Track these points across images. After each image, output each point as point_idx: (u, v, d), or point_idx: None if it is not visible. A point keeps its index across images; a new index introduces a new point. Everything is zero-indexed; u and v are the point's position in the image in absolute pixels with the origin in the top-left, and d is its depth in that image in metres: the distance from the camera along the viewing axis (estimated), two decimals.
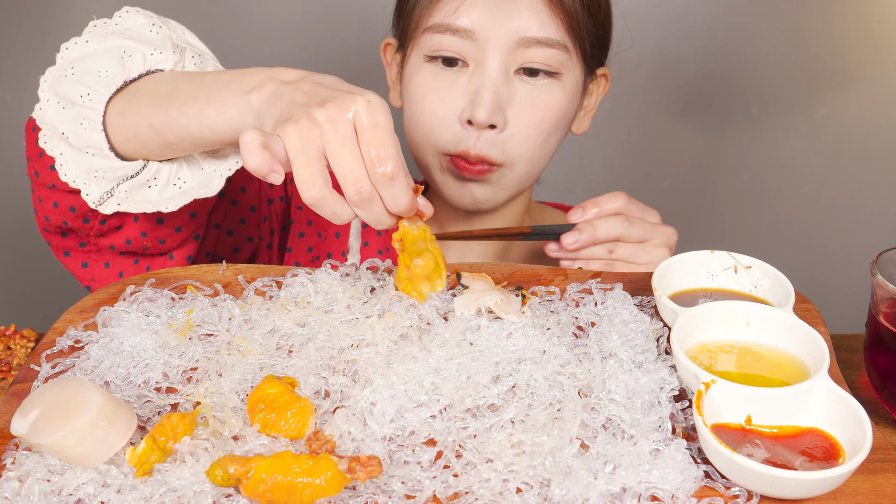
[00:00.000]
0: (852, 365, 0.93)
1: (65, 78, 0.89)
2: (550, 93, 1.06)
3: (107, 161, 0.89)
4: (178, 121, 0.85)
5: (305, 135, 0.73)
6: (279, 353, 0.78)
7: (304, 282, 0.85)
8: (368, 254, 1.22)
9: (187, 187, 0.92)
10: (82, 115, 0.88)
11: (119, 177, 0.90)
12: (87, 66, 0.89)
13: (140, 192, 0.91)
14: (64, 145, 0.90)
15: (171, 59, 0.91)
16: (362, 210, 0.75)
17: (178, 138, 0.86)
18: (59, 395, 0.66)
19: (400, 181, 0.74)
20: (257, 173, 0.72)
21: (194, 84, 0.86)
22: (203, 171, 0.93)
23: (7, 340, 1.04)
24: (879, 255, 0.83)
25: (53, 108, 0.89)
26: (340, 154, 0.73)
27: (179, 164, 0.92)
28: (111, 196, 0.90)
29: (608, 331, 0.77)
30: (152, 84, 0.89)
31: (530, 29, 1.02)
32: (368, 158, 0.74)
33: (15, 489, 0.63)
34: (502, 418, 0.69)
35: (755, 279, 0.84)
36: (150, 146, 0.88)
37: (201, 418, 0.69)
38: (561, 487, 0.62)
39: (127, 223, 0.96)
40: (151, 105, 0.87)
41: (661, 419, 0.68)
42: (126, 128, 0.88)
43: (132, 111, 0.87)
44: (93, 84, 0.88)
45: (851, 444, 0.65)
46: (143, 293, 0.85)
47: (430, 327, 0.79)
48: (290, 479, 0.61)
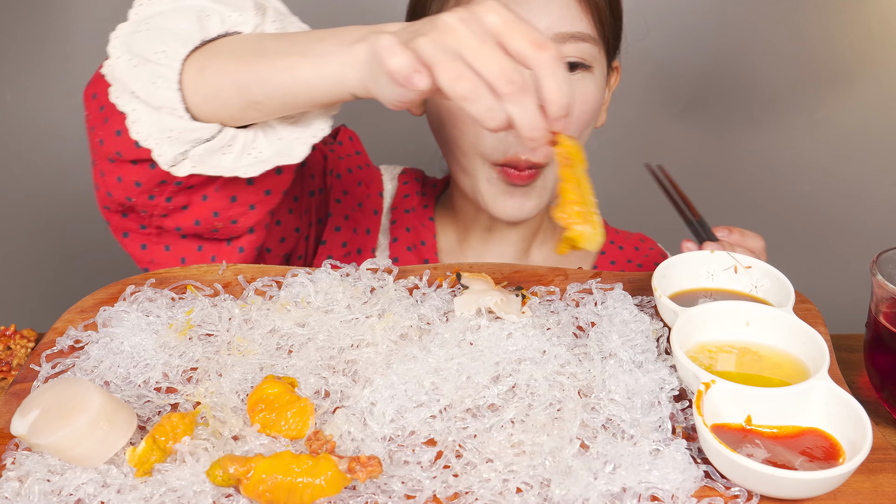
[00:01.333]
0: (852, 365, 0.93)
1: (138, 34, 0.84)
2: (587, 86, 1.06)
3: (181, 121, 0.84)
4: (269, 76, 0.80)
5: (439, 41, 0.68)
6: (279, 353, 0.78)
7: (304, 282, 0.85)
8: (397, 250, 1.22)
9: (263, 157, 0.87)
10: (156, 73, 0.83)
11: (193, 139, 0.85)
12: (162, 23, 0.84)
13: (214, 157, 0.86)
14: (136, 101, 0.84)
15: (251, 22, 0.86)
16: (515, 105, 0.68)
17: (265, 96, 0.81)
18: (59, 395, 0.66)
19: (562, 63, 0.69)
20: (399, 74, 0.67)
21: (284, 41, 0.82)
22: (282, 140, 0.88)
23: (7, 340, 1.04)
24: (879, 255, 0.83)
25: (124, 64, 0.84)
26: (482, 50, 0.68)
27: (255, 132, 0.87)
28: (184, 159, 0.85)
29: (608, 331, 0.77)
30: (235, 43, 0.85)
31: (564, 24, 1.02)
32: (524, 47, 0.68)
33: (15, 489, 0.63)
34: (502, 418, 0.69)
35: (755, 279, 0.84)
36: (232, 106, 0.83)
37: (201, 418, 0.69)
38: (561, 487, 0.62)
39: (194, 202, 0.91)
40: (236, 61, 0.82)
41: (661, 419, 0.68)
42: (206, 86, 0.83)
43: (214, 68, 0.83)
44: (169, 41, 0.83)
45: (851, 444, 0.65)
46: (143, 293, 0.85)
47: (430, 327, 0.79)
48: (290, 479, 0.61)
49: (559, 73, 0.69)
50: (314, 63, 0.78)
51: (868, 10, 1.91)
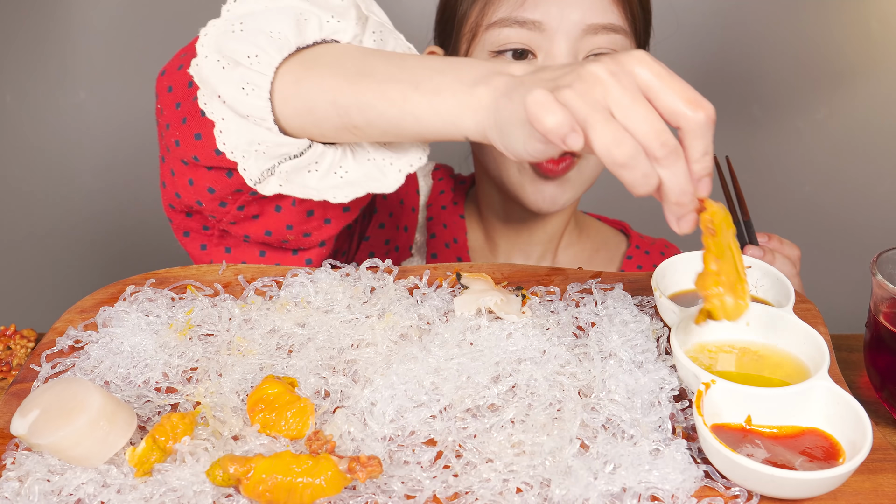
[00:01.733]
0: (852, 365, 0.93)
1: (231, 34, 0.78)
2: None
3: (270, 134, 0.78)
4: (374, 103, 0.74)
5: (588, 94, 0.62)
6: (279, 353, 0.78)
7: (304, 282, 0.85)
8: (434, 247, 1.21)
9: (350, 178, 0.82)
10: (246, 78, 0.77)
11: (281, 154, 0.79)
12: (257, 24, 0.78)
13: (300, 175, 0.81)
14: (226, 109, 0.79)
15: (350, 30, 0.81)
16: (667, 170, 0.63)
17: (366, 122, 0.76)
18: (59, 395, 0.66)
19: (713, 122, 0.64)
20: (557, 133, 0.61)
21: (393, 64, 0.76)
22: (372, 163, 0.83)
23: (7, 340, 1.04)
24: (879, 255, 0.83)
25: (212, 65, 0.78)
26: (634, 108, 0.62)
27: (344, 150, 0.82)
28: (271, 175, 0.80)
29: (608, 331, 0.77)
30: (334, 55, 0.79)
31: (595, 16, 1.03)
32: (678, 105, 0.63)
33: (15, 489, 0.63)
34: (502, 418, 0.69)
35: (755, 279, 0.84)
36: (326, 126, 0.78)
37: (201, 418, 0.69)
38: (561, 487, 0.62)
39: (266, 212, 0.86)
40: (339, 79, 0.76)
41: (661, 419, 0.68)
42: (301, 100, 0.77)
43: (312, 82, 0.77)
44: (263, 45, 0.77)
45: (851, 444, 0.65)
46: (143, 293, 0.85)
47: (430, 327, 0.79)
48: (290, 479, 0.61)
49: (710, 136, 0.64)
50: (429, 99, 0.72)
51: (868, 10, 1.91)
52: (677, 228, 0.67)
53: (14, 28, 1.84)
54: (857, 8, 1.91)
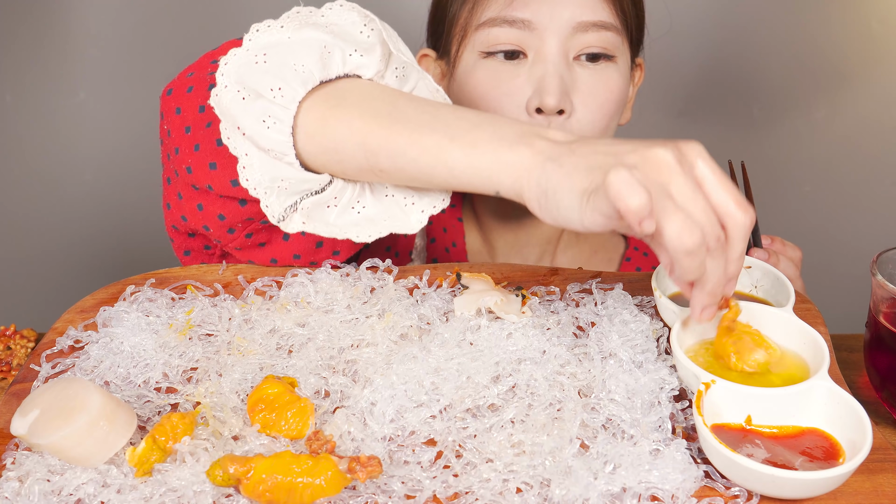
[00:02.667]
0: (852, 365, 0.93)
1: (254, 65, 0.77)
2: (610, 76, 1.06)
3: (291, 170, 0.77)
4: (407, 150, 0.73)
5: (654, 178, 0.64)
6: (279, 353, 0.78)
7: (304, 282, 0.85)
8: (435, 252, 1.21)
9: (368, 213, 0.81)
10: (268, 111, 0.76)
11: (303, 190, 0.78)
12: (281, 56, 0.76)
13: (320, 211, 0.80)
14: (250, 145, 0.77)
15: (374, 66, 0.80)
16: (713, 261, 0.65)
17: (395, 168, 0.75)
18: (59, 395, 0.66)
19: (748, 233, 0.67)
20: (638, 216, 0.61)
21: (426, 113, 0.75)
22: (391, 199, 0.82)
23: (7, 340, 1.04)
24: (879, 255, 0.83)
25: (232, 96, 0.76)
26: (696, 200, 0.64)
27: (363, 186, 0.81)
28: (294, 211, 0.79)
29: (608, 331, 0.77)
30: (362, 94, 0.78)
31: (585, 13, 1.03)
32: (728, 206, 0.65)
33: (15, 489, 0.63)
34: (502, 418, 0.69)
35: (755, 279, 0.84)
36: (350, 165, 0.77)
37: (201, 418, 0.69)
38: (561, 487, 0.62)
39: (274, 241, 0.86)
40: (369, 121, 0.75)
41: (661, 419, 0.68)
42: (326, 139, 0.76)
43: (339, 121, 0.76)
44: (287, 77, 0.76)
45: (851, 444, 0.65)
46: (143, 293, 0.85)
47: (430, 327, 0.79)
48: (290, 479, 0.61)
49: (747, 238, 0.67)
50: (465, 152, 0.72)
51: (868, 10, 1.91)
52: (698, 317, 0.70)
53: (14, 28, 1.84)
54: (857, 8, 1.91)
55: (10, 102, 1.90)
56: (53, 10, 1.84)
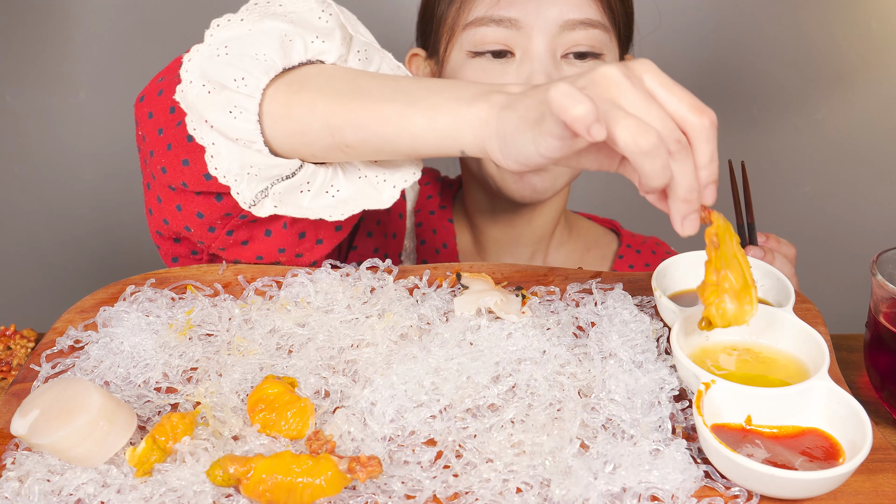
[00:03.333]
0: (852, 365, 0.93)
1: (216, 58, 0.79)
2: None
3: (261, 156, 0.79)
4: (368, 122, 0.75)
5: (604, 95, 0.64)
6: (279, 353, 0.78)
7: (304, 282, 0.85)
8: (424, 253, 1.21)
9: (342, 196, 0.83)
10: (233, 102, 0.77)
11: (273, 176, 0.80)
12: (242, 47, 0.78)
13: (292, 195, 0.82)
14: (215, 134, 0.79)
15: (336, 50, 0.82)
16: (679, 164, 0.65)
17: (360, 141, 0.77)
18: (59, 395, 0.66)
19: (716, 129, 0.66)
20: (583, 122, 0.61)
21: (385, 84, 0.77)
22: (364, 180, 0.84)
23: (7, 340, 1.04)
24: (879, 255, 0.83)
25: (197, 90, 0.78)
26: (649, 108, 0.64)
27: (335, 169, 0.83)
28: (265, 197, 0.80)
29: (608, 331, 0.77)
30: (324, 77, 0.80)
31: (572, 11, 1.03)
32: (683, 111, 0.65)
33: (15, 489, 0.63)
34: (502, 418, 0.69)
35: (755, 279, 0.84)
36: (318, 146, 0.79)
37: (201, 418, 0.69)
38: (561, 487, 0.62)
39: (256, 237, 0.87)
40: (330, 101, 0.77)
41: (661, 419, 0.68)
42: (292, 122, 0.78)
43: (302, 104, 0.78)
44: (249, 67, 0.78)
45: (851, 444, 0.65)
46: (143, 293, 0.85)
47: (430, 327, 0.79)
48: (290, 479, 0.61)
49: (714, 140, 0.66)
50: (426, 116, 0.74)
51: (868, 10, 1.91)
52: (681, 229, 0.68)
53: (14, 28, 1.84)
54: (857, 8, 1.91)
55: (10, 102, 1.90)
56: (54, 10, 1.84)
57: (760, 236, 1.04)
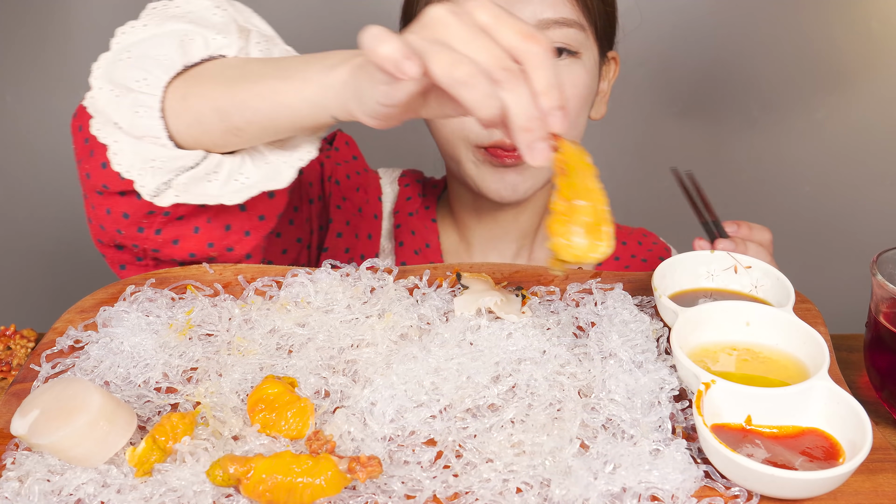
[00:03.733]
0: (852, 365, 0.93)
1: (119, 63, 0.82)
2: (574, 71, 1.06)
3: (164, 150, 0.82)
4: (249, 101, 0.79)
5: (429, 35, 0.65)
6: (279, 353, 0.78)
7: (304, 282, 0.85)
8: (404, 255, 1.21)
9: (250, 182, 0.86)
10: (138, 102, 0.81)
11: (177, 167, 0.83)
12: (144, 51, 0.82)
13: (199, 185, 0.84)
14: (118, 132, 0.83)
15: (235, 44, 0.85)
16: (511, 93, 0.64)
17: (246, 122, 0.80)
18: (59, 395, 0.66)
19: (553, 58, 0.66)
20: (391, 60, 0.62)
21: (267, 65, 0.81)
22: (269, 165, 0.87)
23: (7, 340, 1.04)
24: (879, 255, 0.83)
25: (106, 96, 0.82)
26: (475, 40, 0.65)
27: (243, 157, 0.86)
28: (168, 188, 0.84)
29: (608, 331, 0.77)
30: (218, 68, 0.83)
31: (546, 11, 1.02)
32: (514, 39, 0.65)
33: (15, 489, 0.63)
34: (502, 418, 0.69)
35: (755, 279, 0.84)
36: (214, 133, 0.82)
37: (201, 418, 0.69)
38: (561, 487, 0.62)
39: (185, 234, 0.89)
40: (218, 87, 0.81)
41: (661, 419, 0.68)
42: (188, 113, 0.81)
43: (196, 94, 0.81)
44: (150, 68, 0.82)
45: (851, 444, 0.65)
46: (143, 293, 0.85)
47: (430, 327, 0.79)
48: (290, 479, 0.61)
49: (549, 66, 0.65)
50: (295, 87, 0.77)
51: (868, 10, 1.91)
52: (529, 159, 0.67)
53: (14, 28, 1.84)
54: (857, 8, 1.91)
55: (10, 102, 1.90)
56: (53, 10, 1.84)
57: (730, 225, 1.01)
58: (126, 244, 0.91)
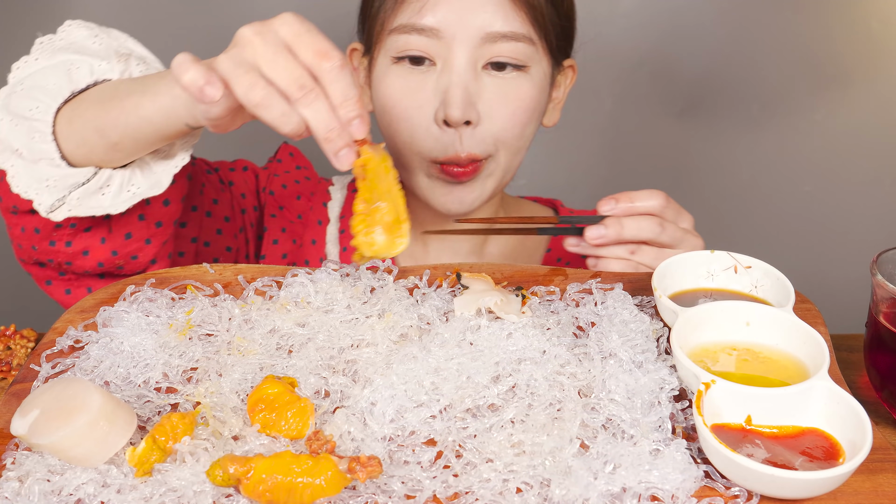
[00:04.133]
0: (852, 365, 0.93)
1: (14, 95, 0.92)
2: (519, 85, 1.05)
3: (57, 170, 0.90)
4: (119, 118, 0.85)
5: (237, 55, 0.72)
6: (279, 353, 0.78)
7: (304, 282, 0.85)
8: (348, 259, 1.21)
9: (141, 192, 0.93)
10: (33, 129, 0.90)
11: (70, 184, 0.91)
12: (35, 82, 0.92)
13: (93, 198, 0.92)
14: (15, 158, 0.91)
15: (116, 69, 0.93)
16: (308, 108, 0.71)
17: (120, 136, 0.87)
18: (59, 395, 0.66)
19: (348, 71, 0.72)
20: (194, 86, 0.72)
21: (134, 83, 0.88)
22: (155, 175, 0.94)
23: (7, 340, 1.04)
24: (879, 255, 0.83)
25: (7, 126, 0.91)
26: (276, 60, 0.71)
27: (133, 170, 0.93)
28: (62, 203, 0.91)
29: (608, 331, 0.77)
30: (97, 91, 0.91)
31: (495, 24, 1.01)
32: (310, 58, 0.72)
33: (15, 489, 0.63)
34: (502, 418, 0.69)
35: (755, 279, 0.84)
36: (98, 150, 0.89)
37: (201, 418, 0.69)
38: (561, 487, 0.62)
39: (93, 246, 0.97)
40: (96, 108, 0.88)
41: (661, 419, 0.68)
42: (75, 135, 0.89)
43: (79, 117, 0.89)
44: (41, 97, 0.90)
45: (851, 444, 0.65)
46: (143, 293, 0.85)
47: (430, 327, 0.79)
48: (290, 479, 0.61)
49: (343, 79, 0.71)
50: (151, 99, 0.83)
51: (868, 10, 1.91)
52: (336, 164, 0.74)
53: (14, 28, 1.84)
54: (857, 8, 1.91)
55: None
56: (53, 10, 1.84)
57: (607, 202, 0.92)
58: (43, 260, 0.99)
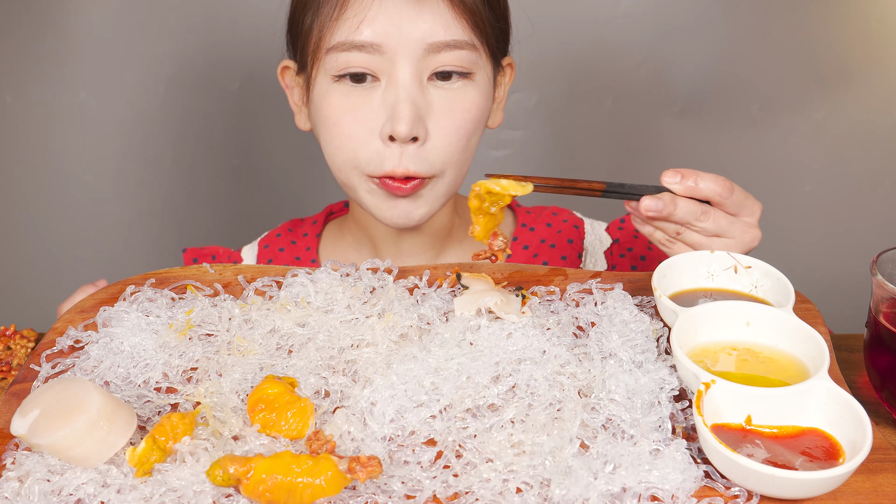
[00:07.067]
0: (852, 365, 0.93)
1: None
2: (466, 93, 1.03)
3: None
4: None
5: None
6: (279, 353, 0.78)
7: (304, 282, 0.85)
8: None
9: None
10: None
11: None
12: None
13: None
14: None
15: None
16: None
17: None
18: (59, 395, 0.66)
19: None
20: None
21: None
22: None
23: (7, 340, 1.04)
24: (879, 255, 0.83)
25: None
26: None
27: None
28: None
29: (608, 331, 0.77)
30: None
31: (437, 34, 0.99)
32: None
33: (15, 489, 0.63)
34: (502, 418, 0.69)
35: (755, 279, 0.84)
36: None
37: (201, 418, 0.69)
38: (561, 487, 0.62)
39: None
40: None
41: (661, 419, 0.68)
42: None
43: None
44: None
45: (851, 444, 0.65)
46: (143, 293, 0.85)
47: (430, 327, 0.79)
48: (290, 479, 0.61)
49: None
50: None
51: (868, 10, 1.91)
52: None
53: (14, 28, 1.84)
54: (857, 8, 1.91)
55: (10, 102, 1.90)
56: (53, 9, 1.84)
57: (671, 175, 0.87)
58: None
